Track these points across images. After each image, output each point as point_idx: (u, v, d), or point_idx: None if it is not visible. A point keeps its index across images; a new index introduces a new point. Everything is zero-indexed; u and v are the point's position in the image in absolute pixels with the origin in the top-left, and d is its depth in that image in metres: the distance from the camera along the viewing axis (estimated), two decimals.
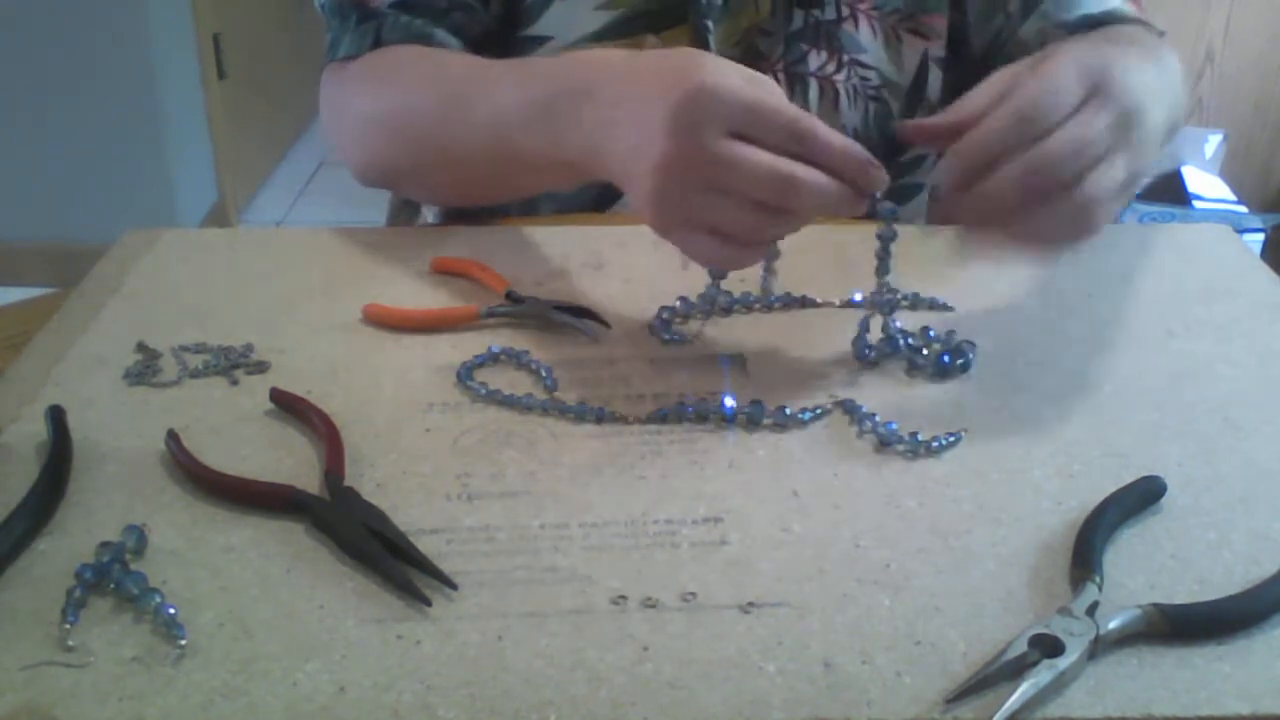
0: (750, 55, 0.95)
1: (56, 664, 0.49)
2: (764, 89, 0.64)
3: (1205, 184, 2.60)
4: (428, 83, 0.84)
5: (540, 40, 0.94)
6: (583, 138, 0.69)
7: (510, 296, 0.76)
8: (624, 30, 0.93)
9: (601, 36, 0.93)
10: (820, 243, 0.87)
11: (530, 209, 0.97)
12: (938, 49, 0.97)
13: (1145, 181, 0.68)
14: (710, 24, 0.93)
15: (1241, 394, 0.68)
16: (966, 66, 0.98)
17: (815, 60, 0.96)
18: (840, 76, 0.96)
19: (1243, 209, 2.57)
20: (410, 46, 0.89)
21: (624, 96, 0.66)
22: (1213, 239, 0.88)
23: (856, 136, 0.97)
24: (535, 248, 0.85)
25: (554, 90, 0.71)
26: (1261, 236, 2.48)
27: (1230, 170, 2.65)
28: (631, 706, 0.47)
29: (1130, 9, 0.93)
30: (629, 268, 0.83)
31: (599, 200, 0.97)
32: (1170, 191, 2.58)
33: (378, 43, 0.89)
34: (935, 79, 0.98)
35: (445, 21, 0.90)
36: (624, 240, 0.87)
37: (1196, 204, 2.55)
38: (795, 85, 0.96)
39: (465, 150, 0.80)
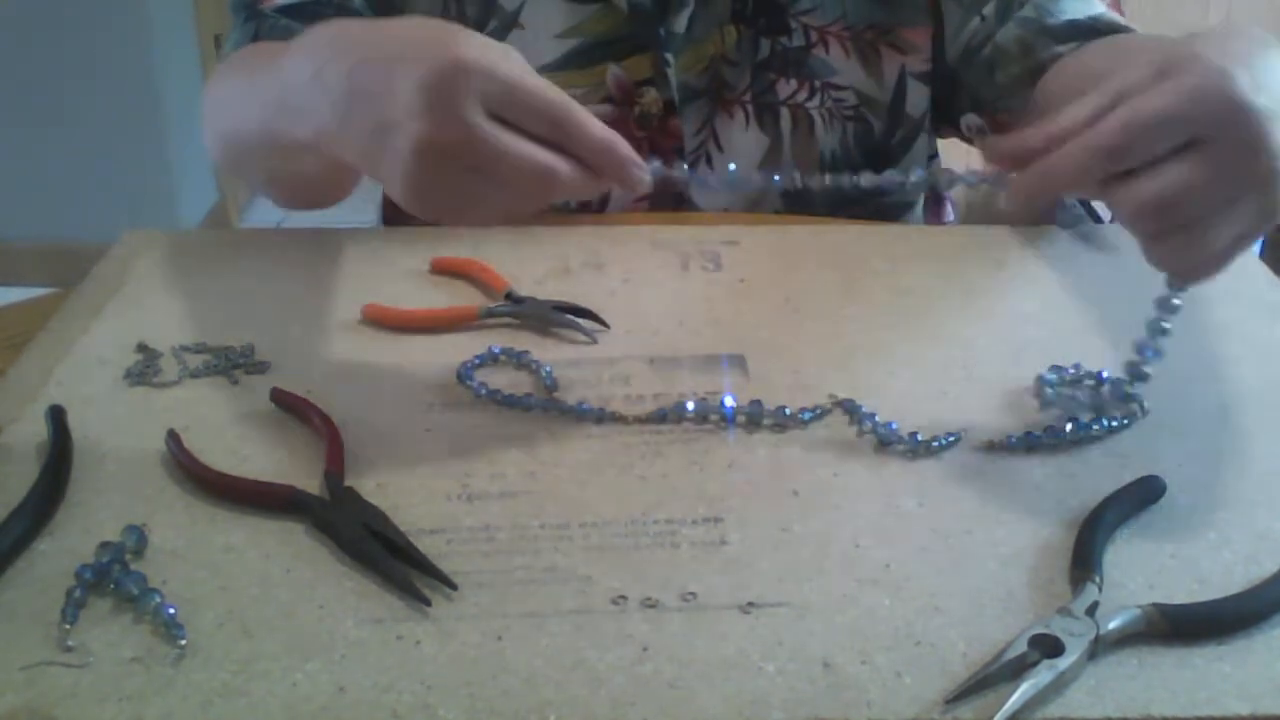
0: (716, 85, 0.94)
1: (56, 664, 0.49)
2: (521, 67, 0.59)
3: None
4: (240, 72, 0.80)
5: None
6: (317, 119, 0.62)
7: (510, 296, 0.76)
8: (584, 60, 0.92)
9: (562, 66, 0.92)
10: (817, 243, 0.87)
11: None
12: (917, 63, 0.94)
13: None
14: (670, 56, 0.92)
15: (1241, 394, 0.68)
16: (941, 78, 0.96)
17: (785, 89, 0.94)
18: (813, 103, 0.95)
19: None
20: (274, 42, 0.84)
21: (365, 69, 0.59)
22: None
23: (835, 159, 0.96)
24: (535, 248, 0.85)
25: (289, 72, 0.64)
26: (1261, 236, 2.48)
27: None
28: (631, 706, 0.47)
29: (1116, 16, 0.89)
30: (629, 268, 0.83)
31: (600, 201, 0.97)
32: None
33: (255, 41, 0.87)
34: (916, 94, 0.95)
35: None
36: (624, 240, 0.87)
37: None
38: (765, 115, 0.95)
39: (246, 139, 0.75)
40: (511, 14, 0.92)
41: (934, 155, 1.03)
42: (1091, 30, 0.88)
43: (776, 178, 0.64)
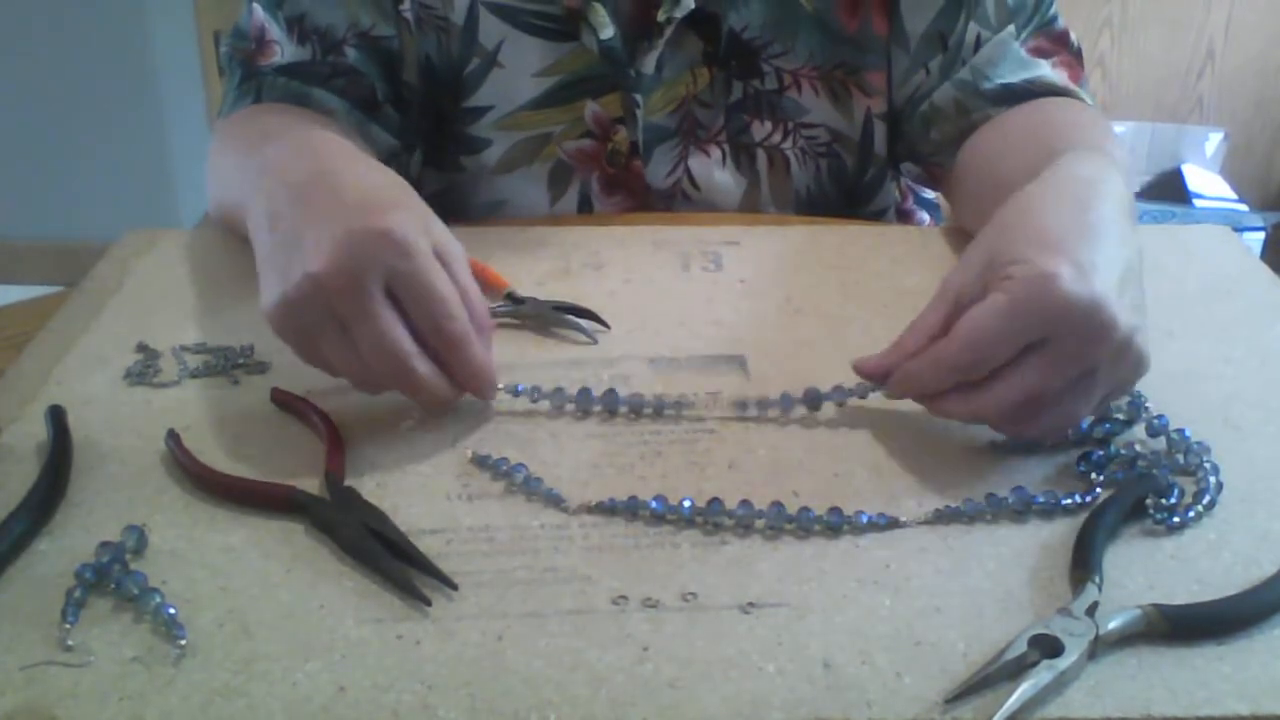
0: (689, 125, 0.95)
1: (56, 664, 0.49)
2: (449, 263, 0.62)
3: (1205, 182, 2.60)
4: (241, 147, 0.83)
5: (481, 111, 0.94)
6: (255, 217, 0.66)
7: (510, 296, 0.76)
8: (562, 97, 0.93)
9: (541, 104, 0.93)
10: (817, 243, 0.87)
11: (525, 211, 0.97)
12: (879, 105, 0.95)
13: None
14: (639, 97, 0.92)
15: (1241, 394, 0.68)
16: (891, 122, 0.97)
17: (759, 131, 0.95)
18: (787, 144, 0.96)
19: (1243, 207, 2.57)
20: (275, 106, 0.88)
21: (319, 208, 0.62)
22: (1213, 239, 0.88)
23: (809, 195, 0.97)
24: (535, 248, 0.85)
25: (253, 172, 0.68)
26: (1261, 235, 2.48)
27: (1231, 168, 2.65)
28: (631, 706, 0.47)
29: (1056, 76, 0.90)
30: (629, 268, 0.83)
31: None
32: (1170, 190, 2.58)
33: (257, 102, 0.89)
34: (881, 134, 0.96)
35: (328, 85, 0.90)
36: (624, 240, 0.87)
37: (1197, 202, 2.55)
38: (741, 156, 0.96)
39: (232, 211, 0.79)
40: (491, 53, 0.93)
41: (894, 179, 1.04)
42: (1025, 96, 0.89)
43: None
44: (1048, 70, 0.90)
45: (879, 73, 0.94)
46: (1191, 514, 0.58)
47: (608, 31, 0.89)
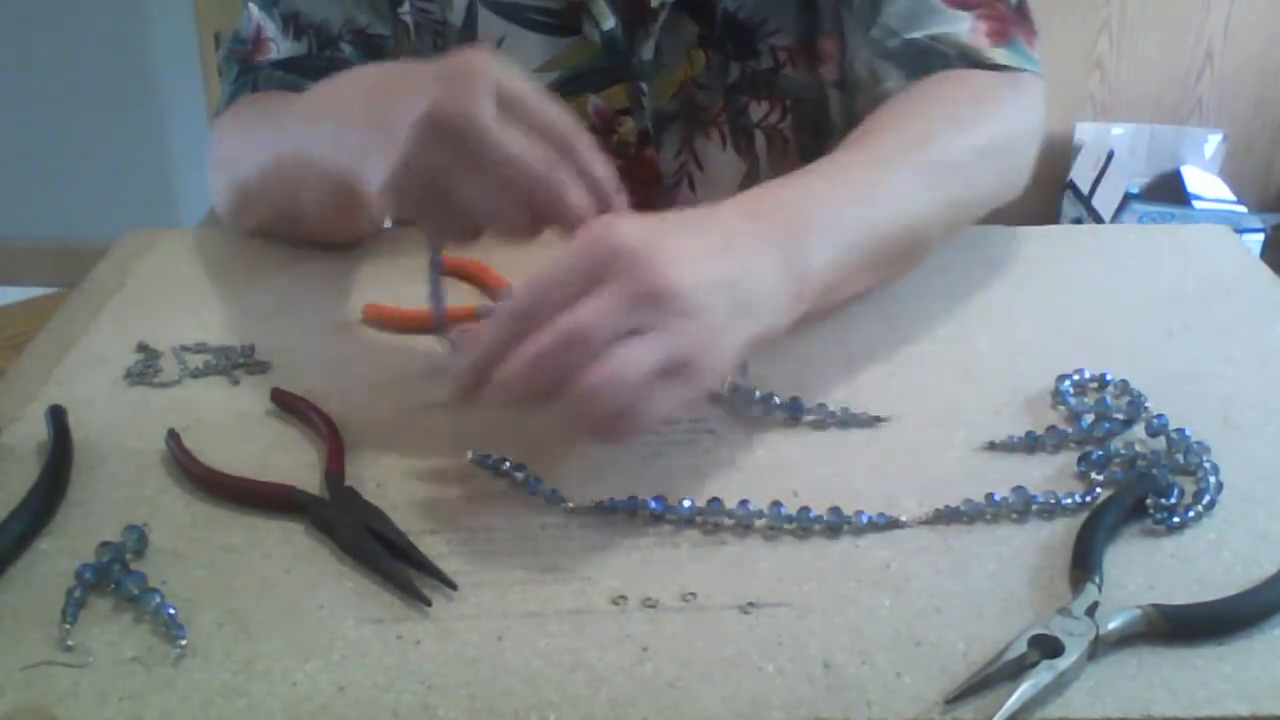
0: (690, 109, 0.95)
1: (56, 664, 0.49)
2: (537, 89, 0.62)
3: (1205, 183, 2.59)
4: (253, 119, 0.83)
5: None
6: (334, 117, 0.65)
7: None
8: (564, 91, 0.93)
9: None
10: None
11: None
12: (831, 72, 0.94)
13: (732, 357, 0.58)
14: (644, 85, 0.92)
15: (1241, 394, 0.68)
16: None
17: (757, 111, 0.95)
18: (786, 124, 0.96)
19: (1242, 209, 2.56)
20: (274, 93, 0.88)
21: (398, 83, 0.63)
22: (1213, 239, 0.88)
23: None
24: (536, 247, 0.85)
25: (320, 87, 0.69)
26: (1261, 236, 2.48)
27: (1230, 170, 2.65)
28: (631, 706, 0.47)
29: (965, 34, 0.81)
30: None
31: None
32: (1170, 191, 2.58)
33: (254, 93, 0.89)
34: (835, 101, 0.95)
35: (322, 79, 0.90)
36: None
37: (1196, 204, 2.55)
38: (740, 138, 0.96)
39: (257, 176, 0.79)
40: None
41: None
42: (924, 56, 0.82)
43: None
44: (961, 26, 0.82)
45: (832, 38, 0.93)
46: (1191, 514, 0.58)
47: (609, 22, 0.89)
